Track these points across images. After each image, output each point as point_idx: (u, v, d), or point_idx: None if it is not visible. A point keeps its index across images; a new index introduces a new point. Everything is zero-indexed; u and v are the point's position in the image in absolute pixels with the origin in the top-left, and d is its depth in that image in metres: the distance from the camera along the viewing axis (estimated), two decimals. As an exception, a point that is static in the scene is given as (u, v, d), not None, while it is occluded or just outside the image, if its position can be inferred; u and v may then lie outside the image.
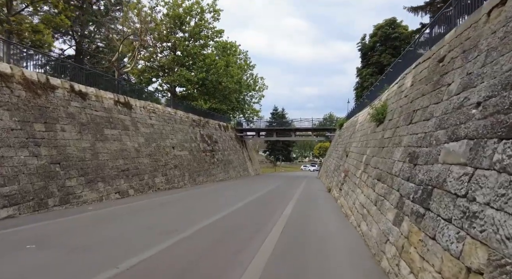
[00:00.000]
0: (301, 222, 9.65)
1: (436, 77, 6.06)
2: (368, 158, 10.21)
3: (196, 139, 27.04)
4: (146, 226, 8.59)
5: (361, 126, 15.53)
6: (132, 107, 18.52)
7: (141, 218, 9.85)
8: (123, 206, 12.19)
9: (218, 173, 29.55)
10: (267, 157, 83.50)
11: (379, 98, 12.19)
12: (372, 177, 8.57)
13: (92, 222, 9.10)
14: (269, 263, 5.68)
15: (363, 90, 34.96)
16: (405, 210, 5.11)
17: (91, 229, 8.24)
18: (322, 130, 42.69)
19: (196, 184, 23.67)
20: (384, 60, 35.50)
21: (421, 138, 5.58)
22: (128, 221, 9.48)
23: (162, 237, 7.33)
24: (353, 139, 16.46)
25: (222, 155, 32.75)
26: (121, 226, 8.71)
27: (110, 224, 8.92)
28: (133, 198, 15.00)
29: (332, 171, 22.71)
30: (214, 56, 29.01)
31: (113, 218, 9.92)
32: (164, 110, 22.60)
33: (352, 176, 12.41)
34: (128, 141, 16.84)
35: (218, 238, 7.55)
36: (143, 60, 26.89)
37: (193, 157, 24.92)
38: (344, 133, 24.68)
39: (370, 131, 11.71)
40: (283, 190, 20.44)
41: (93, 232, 7.86)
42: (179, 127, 24.40)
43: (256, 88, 50.92)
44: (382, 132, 9.50)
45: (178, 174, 21.16)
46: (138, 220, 9.50)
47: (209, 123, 32.40)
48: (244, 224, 9.24)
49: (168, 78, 26.11)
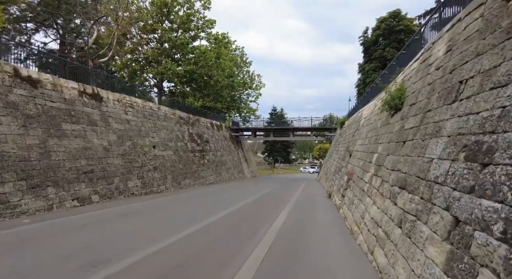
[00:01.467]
0: (292, 245, 7.20)
1: (507, 21, 3.64)
2: (380, 157, 7.78)
3: (183, 138, 24.62)
4: (70, 252, 6.13)
5: (367, 120, 13.12)
6: (103, 100, 16.09)
7: (78, 238, 7.40)
8: (73, 218, 9.74)
9: (208, 176, 27.10)
10: (265, 158, 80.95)
11: (392, 83, 9.77)
12: (390, 183, 6.13)
13: (3, 246, 6.66)
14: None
15: (366, 86, 32.49)
16: (477, 254, 2.67)
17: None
18: (321, 129, 40.26)
19: (181, 187, 21.23)
20: (388, 55, 33.11)
21: (492, 118, 3.16)
22: (57, 242, 7.02)
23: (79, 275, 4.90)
24: (358, 137, 14.04)
25: (214, 156, 30.32)
26: (38, 252, 6.25)
27: (29, 249, 6.48)
28: (96, 205, 12.56)
29: (332, 174, 20.28)
30: (204, 48, 26.59)
31: (41, 237, 7.46)
32: (144, 105, 20.18)
33: (358, 180, 9.98)
34: (95, 138, 14.41)
35: (161, 275, 5.10)
36: (126, 53, 24.50)
37: (179, 157, 22.49)
38: (346, 131, 22.26)
39: (381, 124, 9.29)
40: (277, 196, 18.00)
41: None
42: (163, 125, 21.98)
43: (253, 86, 48.56)
44: (400, 122, 7.08)
45: (158, 176, 18.72)
46: (72, 241, 7.05)
47: (200, 122, 29.99)
48: (213, 249, 6.79)
49: (152, 70, 23.70)
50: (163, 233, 7.78)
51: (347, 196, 11.07)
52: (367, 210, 7.32)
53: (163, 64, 23.59)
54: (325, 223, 9.77)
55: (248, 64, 48.38)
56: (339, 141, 25.46)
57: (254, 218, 10.55)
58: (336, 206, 13.21)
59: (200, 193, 18.39)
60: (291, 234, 8.14)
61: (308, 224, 9.65)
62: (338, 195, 13.59)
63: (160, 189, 18.48)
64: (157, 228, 8.70)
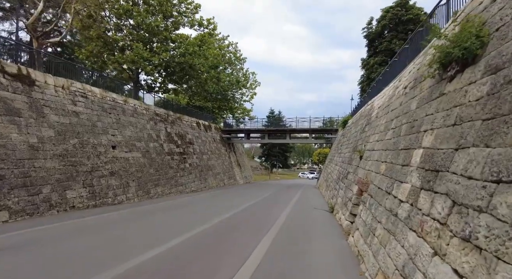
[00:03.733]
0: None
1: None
2: (436, 154, 4.03)
3: (158, 138, 20.86)
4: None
5: (386, 108, 9.40)
6: (36, 84, 12.36)
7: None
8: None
9: (190, 182, 23.28)
10: (262, 163, 77.13)
11: (449, 23, 6.01)
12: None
13: None
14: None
15: (370, 82, 28.77)
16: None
17: None
18: (321, 131, 36.52)
19: (150, 197, 17.41)
20: (395, 47, 29.58)
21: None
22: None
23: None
24: (371, 131, 10.29)
25: (199, 159, 26.54)
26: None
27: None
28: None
29: (334, 181, 16.50)
30: (185, 35, 22.87)
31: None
32: (104, 96, 16.45)
33: (381, 194, 6.22)
34: (15, 133, 10.65)
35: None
36: (93, 38, 20.80)
37: (150, 160, 18.71)
38: (351, 130, 18.53)
39: (422, 100, 5.56)
40: (263, 209, 14.20)
41: None
42: (131, 121, 18.24)
43: (247, 85, 44.95)
44: (484, 81, 3.35)
45: (116, 184, 14.91)
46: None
47: (183, 120, 26.26)
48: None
49: (120, 56, 19.97)
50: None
51: (361, 218, 7.29)
52: (414, 262, 3.55)
53: (135, 50, 19.89)
54: (327, 269, 5.94)
55: (243, 61, 44.85)
56: (341, 142, 21.73)
57: (212, 256, 6.74)
58: (342, 227, 9.41)
59: (166, 206, 14.56)
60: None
61: (298, 270, 5.84)
62: (345, 212, 9.80)
63: (117, 199, 14.67)
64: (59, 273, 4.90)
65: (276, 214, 12.16)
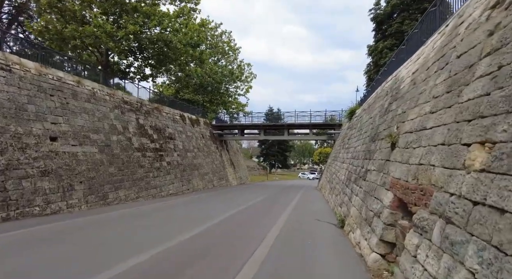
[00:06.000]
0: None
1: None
2: None
3: (125, 130, 17.08)
4: None
5: (431, 66, 5.59)
6: None
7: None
8: None
9: (167, 184, 19.48)
10: (259, 163, 73.36)
11: None
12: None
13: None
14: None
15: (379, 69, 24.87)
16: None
17: None
18: (322, 126, 32.75)
19: (107, 203, 13.61)
20: (407, 28, 25.77)
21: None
22: None
23: None
24: (411, 104, 6.46)
25: (181, 157, 22.75)
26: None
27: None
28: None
29: (342, 182, 12.70)
30: (160, 10, 18.91)
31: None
32: (41, 72, 12.64)
33: (483, 219, 2.38)
34: None
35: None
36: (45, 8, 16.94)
37: (111, 157, 14.93)
38: (363, 118, 14.74)
39: None
40: (251, 220, 10.41)
41: None
42: (85, 107, 14.46)
43: (242, 77, 41.11)
44: None
45: (51, 187, 11.10)
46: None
47: (162, 111, 22.48)
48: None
49: (73, 27, 16.08)
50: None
51: (420, 263, 3.47)
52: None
53: (94, 21, 16.07)
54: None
55: (237, 52, 41.04)
56: (349, 135, 17.94)
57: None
58: (363, 261, 5.61)
59: (112, 218, 10.73)
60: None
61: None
62: (368, 234, 6.00)
63: (51, 208, 10.86)
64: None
65: (263, 232, 8.35)
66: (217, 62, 39.71)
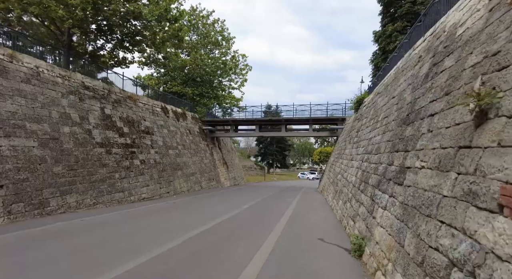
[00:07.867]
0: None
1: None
2: None
3: (83, 121, 13.88)
4: None
5: None
6: None
7: None
8: None
9: (140, 187, 16.27)
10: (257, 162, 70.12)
11: None
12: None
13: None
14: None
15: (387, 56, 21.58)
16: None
17: None
18: (324, 121, 29.53)
19: (46, 212, 10.40)
20: (420, 9, 22.60)
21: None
22: None
23: None
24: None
25: (161, 155, 19.54)
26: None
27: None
28: None
29: (354, 186, 9.48)
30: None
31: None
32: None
33: None
34: None
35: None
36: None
37: (58, 153, 11.73)
38: (377, 103, 11.53)
39: None
40: (228, 242, 7.21)
41: None
42: (20, 89, 11.25)
43: (237, 70, 37.87)
44: None
45: None
46: None
47: (137, 101, 19.29)
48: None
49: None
50: None
51: None
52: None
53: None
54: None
55: (232, 42, 37.73)
56: (357, 128, 14.74)
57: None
58: None
59: (61, 232, 7.56)
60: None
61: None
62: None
63: None
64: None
65: (238, 265, 5.16)
66: (208, 53, 36.53)
